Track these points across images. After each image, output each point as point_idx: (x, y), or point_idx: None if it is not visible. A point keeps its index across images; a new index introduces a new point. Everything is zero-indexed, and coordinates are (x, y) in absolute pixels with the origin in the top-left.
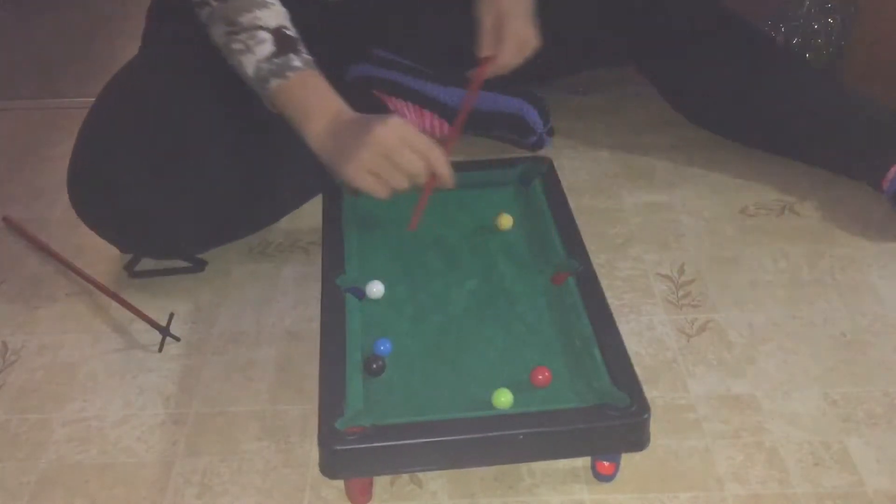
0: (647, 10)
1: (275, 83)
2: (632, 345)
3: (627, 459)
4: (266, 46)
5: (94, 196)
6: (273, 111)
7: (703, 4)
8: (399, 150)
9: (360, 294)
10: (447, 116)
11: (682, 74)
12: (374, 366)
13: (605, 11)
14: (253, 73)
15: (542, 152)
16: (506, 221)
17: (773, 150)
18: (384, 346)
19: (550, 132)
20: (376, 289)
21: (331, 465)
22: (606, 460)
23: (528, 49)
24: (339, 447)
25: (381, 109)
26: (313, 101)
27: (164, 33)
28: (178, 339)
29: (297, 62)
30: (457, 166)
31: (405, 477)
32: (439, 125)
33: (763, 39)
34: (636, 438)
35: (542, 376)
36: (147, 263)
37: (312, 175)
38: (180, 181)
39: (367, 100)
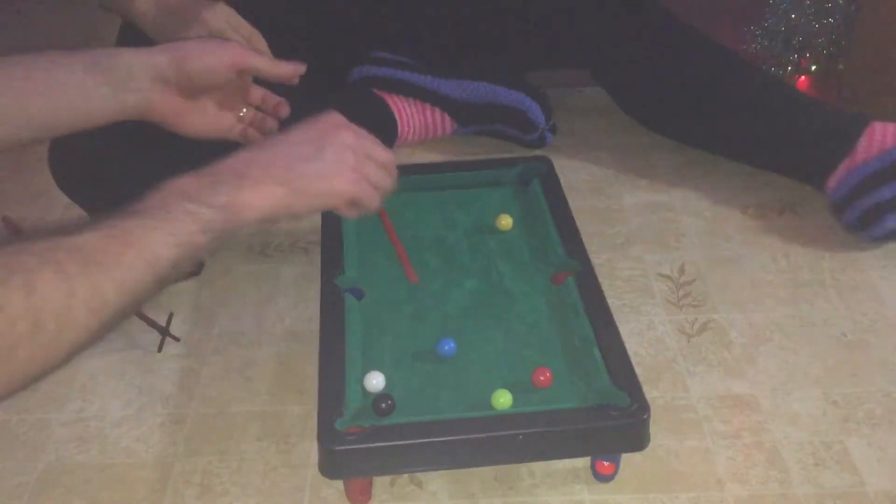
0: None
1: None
2: (632, 345)
3: (627, 459)
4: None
5: (74, 168)
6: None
7: (650, 11)
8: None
9: (360, 294)
10: (449, 109)
11: (631, 80)
12: (384, 405)
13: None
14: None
15: (542, 150)
16: (506, 222)
17: (726, 153)
18: (448, 346)
19: (553, 129)
20: (376, 381)
21: (330, 466)
22: (606, 460)
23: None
24: (338, 447)
25: (383, 107)
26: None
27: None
28: (177, 340)
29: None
30: (456, 166)
31: (405, 477)
32: (441, 119)
33: (701, 39)
34: (636, 438)
35: (544, 377)
36: None
37: None
38: (161, 155)
39: (368, 99)
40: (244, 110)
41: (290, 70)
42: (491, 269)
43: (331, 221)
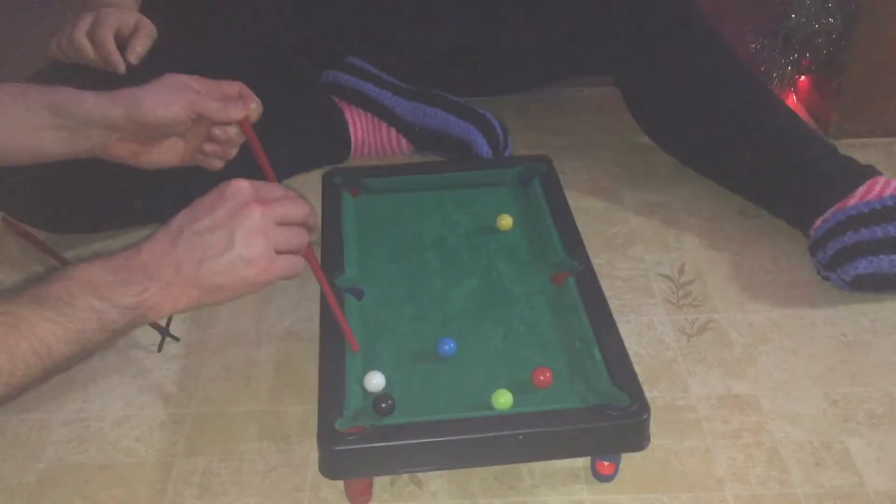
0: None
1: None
2: (632, 345)
3: (627, 459)
4: None
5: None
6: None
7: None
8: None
9: (360, 294)
10: (403, 131)
11: (640, 82)
12: (384, 405)
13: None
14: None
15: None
16: (506, 222)
17: (726, 184)
18: (448, 346)
19: (504, 149)
20: (376, 381)
21: (330, 466)
22: (606, 460)
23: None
24: (338, 448)
25: (340, 123)
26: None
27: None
28: (177, 339)
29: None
30: (456, 166)
31: (405, 477)
32: (397, 139)
33: (736, 68)
34: (636, 438)
35: (544, 377)
36: None
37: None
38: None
39: (328, 112)
40: (205, 146)
41: (240, 111)
42: (491, 269)
43: (331, 221)
